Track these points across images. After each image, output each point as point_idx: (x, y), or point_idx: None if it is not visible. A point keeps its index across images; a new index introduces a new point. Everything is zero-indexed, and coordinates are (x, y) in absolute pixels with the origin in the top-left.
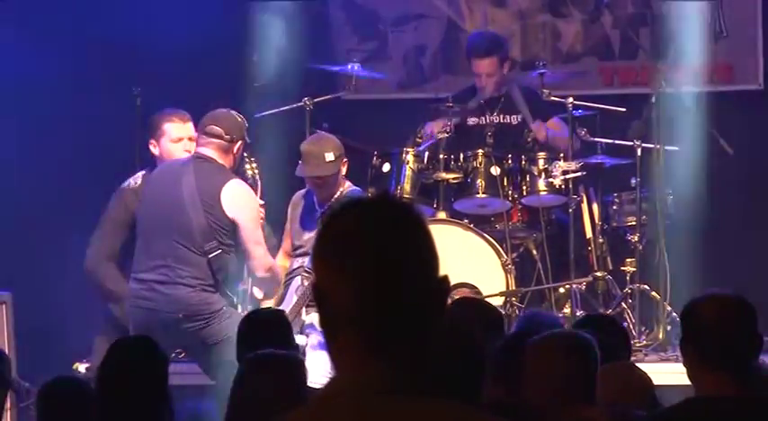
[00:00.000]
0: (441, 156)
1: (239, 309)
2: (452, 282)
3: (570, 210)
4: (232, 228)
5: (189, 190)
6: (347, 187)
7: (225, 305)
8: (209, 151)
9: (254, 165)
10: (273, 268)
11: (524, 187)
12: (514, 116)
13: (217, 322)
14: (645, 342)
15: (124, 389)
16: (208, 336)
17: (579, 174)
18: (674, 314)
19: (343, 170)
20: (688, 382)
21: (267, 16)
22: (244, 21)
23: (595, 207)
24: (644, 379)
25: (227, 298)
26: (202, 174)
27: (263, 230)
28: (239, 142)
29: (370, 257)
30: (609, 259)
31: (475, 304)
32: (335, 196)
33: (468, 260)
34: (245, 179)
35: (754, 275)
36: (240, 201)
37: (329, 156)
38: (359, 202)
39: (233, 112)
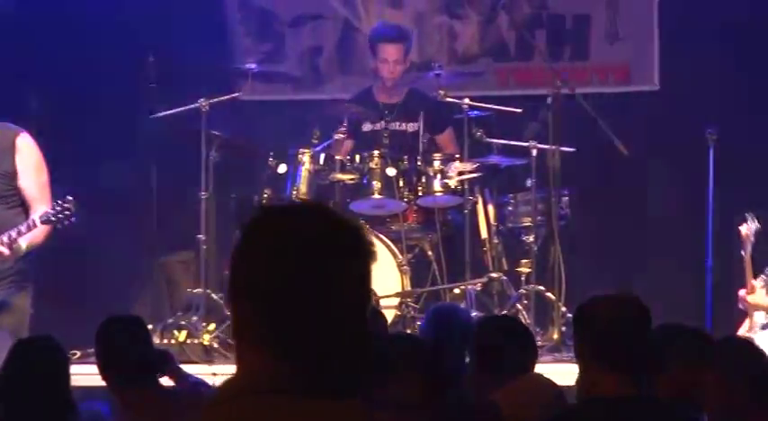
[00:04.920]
0: (337, 156)
1: None
2: None
3: (466, 211)
4: None
5: None
6: None
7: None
8: None
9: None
10: None
11: (420, 188)
12: (411, 124)
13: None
14: (540, 343)
15: (25, 390)
16: None
17: (475, 175)
18: (569, 315)
19: None
20: None
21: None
22: (139, 20)
23: (491, 208)
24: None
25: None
26: None
27: None
28: None
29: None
30: (504, 260)
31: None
32: None
33: None
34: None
35: (646, 275)
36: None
37: None
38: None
39: None
